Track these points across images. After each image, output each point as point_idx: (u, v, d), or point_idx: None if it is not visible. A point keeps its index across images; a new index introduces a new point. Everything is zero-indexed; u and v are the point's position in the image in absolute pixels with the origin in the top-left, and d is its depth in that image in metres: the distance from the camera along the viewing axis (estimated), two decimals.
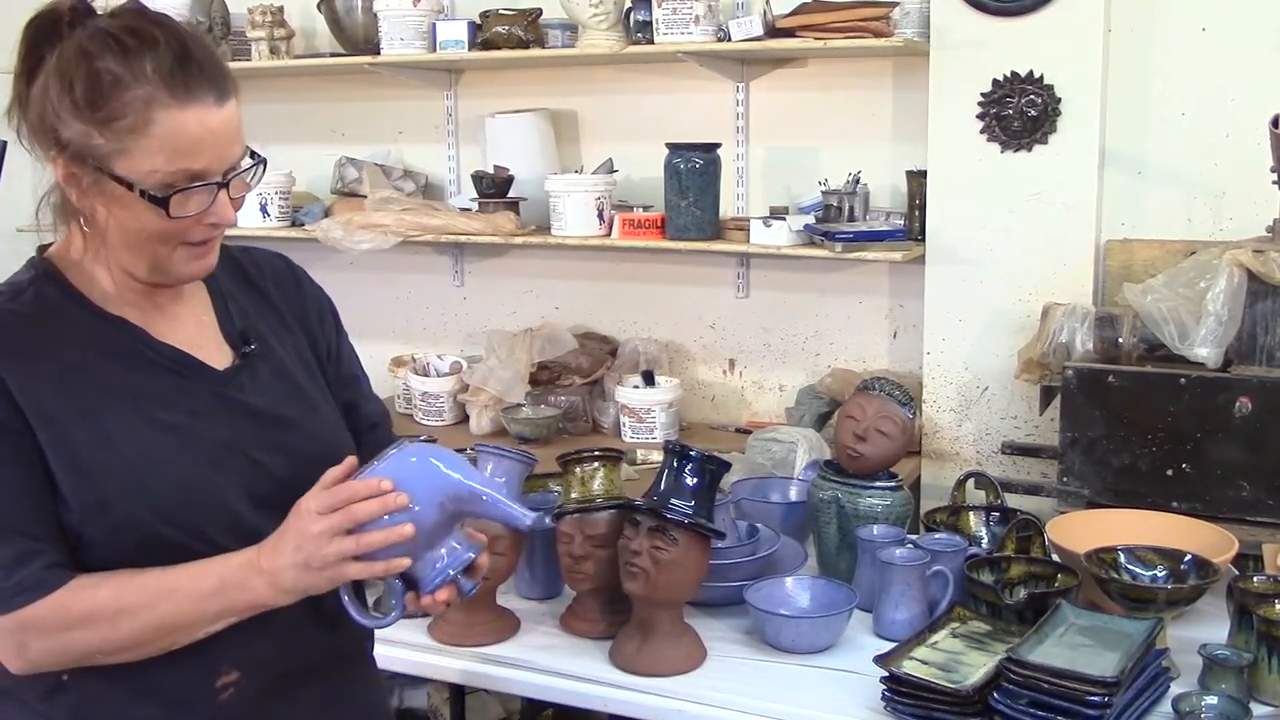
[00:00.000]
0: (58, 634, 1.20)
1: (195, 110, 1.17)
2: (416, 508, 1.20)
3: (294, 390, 1.37)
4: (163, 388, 1.27)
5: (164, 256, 1.24)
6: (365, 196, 3.32)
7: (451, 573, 1.24)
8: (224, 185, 1.22)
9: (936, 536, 1.93)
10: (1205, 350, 2.26)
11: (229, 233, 1.31)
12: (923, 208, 2.85)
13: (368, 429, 1.48)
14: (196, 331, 1.33)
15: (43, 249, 1.32)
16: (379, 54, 3.21)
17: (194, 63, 1.18)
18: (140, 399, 1.25)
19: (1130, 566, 1.80)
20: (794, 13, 2.83)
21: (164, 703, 1.26)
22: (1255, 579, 1.76)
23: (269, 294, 1.42)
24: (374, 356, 1.48)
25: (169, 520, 1.22)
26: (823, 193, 2.97)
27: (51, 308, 1.25)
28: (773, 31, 2.84)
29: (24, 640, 1.20)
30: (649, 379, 3.13)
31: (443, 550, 1.24)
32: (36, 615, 1.19)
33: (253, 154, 1.26)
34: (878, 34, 2.73)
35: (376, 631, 1.44)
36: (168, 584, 1.21)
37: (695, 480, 1.70)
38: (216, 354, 1.33)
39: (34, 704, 1.26)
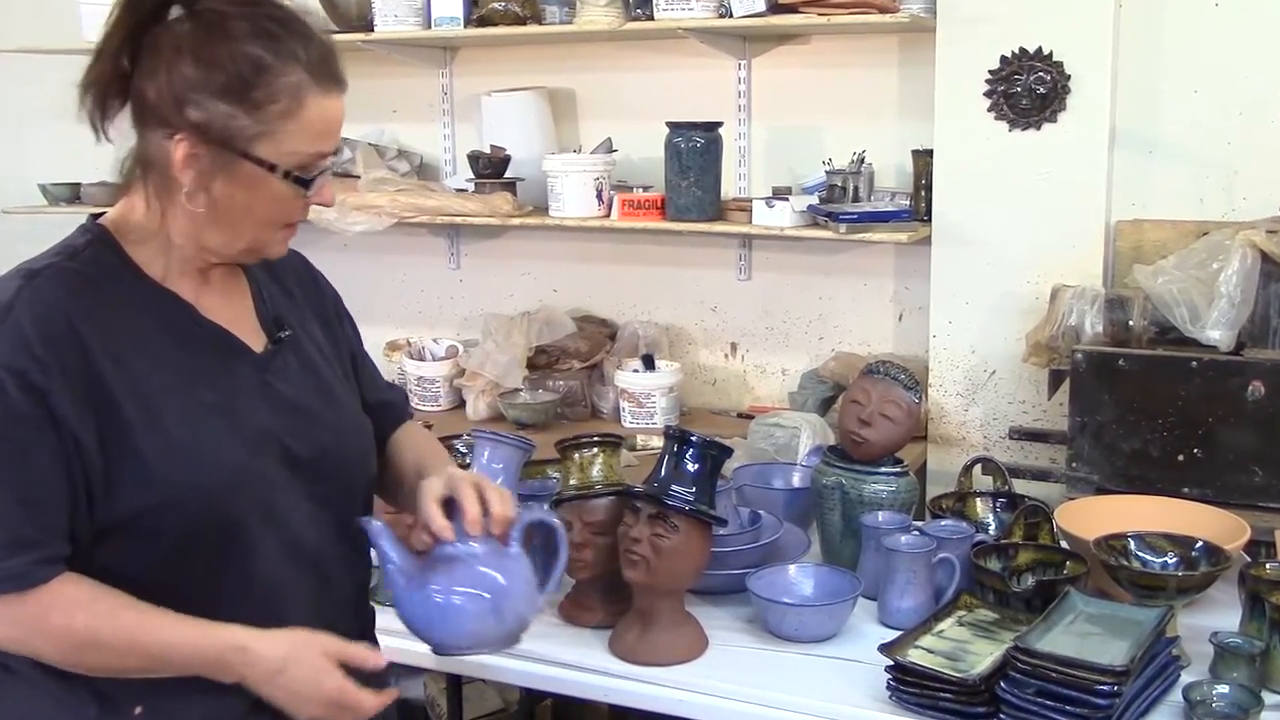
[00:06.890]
0: (26, 634, 1.21)
1: (335, 99, 1.29)
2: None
3: (318, 383, 1.40)
4: (207, 365, 1.30)
5: (267, 237, 1.31)
6: (359, 177, 3.29)
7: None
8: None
9: (942, 523, 1.92)
10: (1217, 333, 2.27)
11: None
12: (929, 188, 2.83)
13: (400, 419, 1.60)
14: (239, 313, 1.37)
15: (94, 216, 1.34)
16: (372, 31, 3.18)
17: (333, 56, 1.31)
18: (187, 375, 1.28)
19: (1140, 553, 1.79)
20: None
21: (177, 680, 1.26)
22: (1267, 566, 1.73)
23: (291, 289, 1.46)
24: (369, 341, 1.50)
25: (208, 504, 1.24)
26: (826, 173, 2.95)
27: (107, 271, 1.28)
28: (775, 7, 2.81)
29: None
30: (649, 363, 3.11)
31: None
32: (12, 605, 1.19)
33: None
34: (883, 9, 2.72)
35: (375, 620, 1.51)
36: (142, 638, 1.22)
37: (696, 466, 1.69)
38: (254, 337, 1.36)
39: (40, 680, 1.25)
